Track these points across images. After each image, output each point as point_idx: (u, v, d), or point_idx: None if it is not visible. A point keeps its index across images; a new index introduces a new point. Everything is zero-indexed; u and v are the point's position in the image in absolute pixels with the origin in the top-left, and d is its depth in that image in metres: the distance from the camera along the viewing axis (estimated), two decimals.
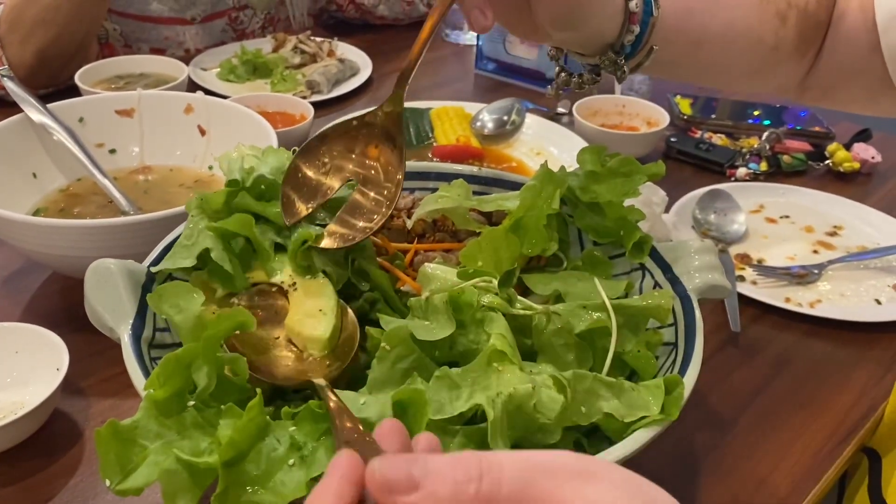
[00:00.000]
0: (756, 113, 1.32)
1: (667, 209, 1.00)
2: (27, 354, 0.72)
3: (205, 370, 0.48)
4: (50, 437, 0.69)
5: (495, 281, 0.60)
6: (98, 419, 0.72)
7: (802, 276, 0.93)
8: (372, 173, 0.66)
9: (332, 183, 0.66)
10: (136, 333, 0.57)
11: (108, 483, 0.43)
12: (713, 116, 1.31)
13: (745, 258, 0.98)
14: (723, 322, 0.87)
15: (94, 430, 0.44)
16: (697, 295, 0.64)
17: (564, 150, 1.17)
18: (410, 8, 1.71)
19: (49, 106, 0.97)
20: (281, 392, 0.57)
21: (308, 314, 0.60)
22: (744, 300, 0.89)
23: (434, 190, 0.75)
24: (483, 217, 0.75)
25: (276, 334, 0.60)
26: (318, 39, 1.53)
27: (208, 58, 1.47)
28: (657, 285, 0.67)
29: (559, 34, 0.67)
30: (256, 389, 0.47)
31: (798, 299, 0.90)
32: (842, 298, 0.91)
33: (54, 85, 1.28)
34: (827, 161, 1.19)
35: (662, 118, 1.22)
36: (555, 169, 0.71)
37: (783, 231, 1.04)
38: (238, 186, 0.65)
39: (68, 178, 0.97)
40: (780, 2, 0.73)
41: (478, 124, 1.24)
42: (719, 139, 1.25)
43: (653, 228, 0.91)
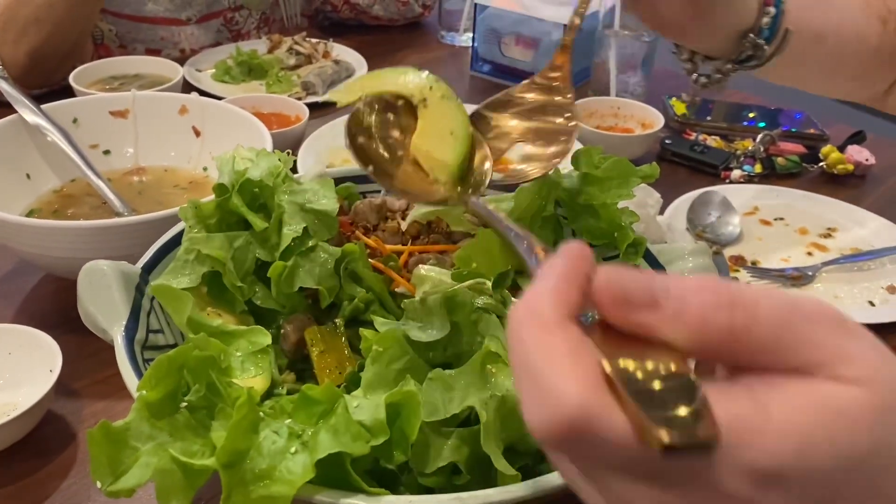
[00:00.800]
0: (751, 115, 1.32)
1: (661, 211, 1.01)
2: (20, 356, 0.72)
3: (196, 387, 0.48)
4: (43, 439, 0.69)
5: (489, 282, 0.60)
6: (91, 421, 0.71)
7: (796, 278, 0.94)
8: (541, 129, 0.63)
9: (501, 145, 0.63)
10: (130, 335, 0.57)
11: (100, 485, 0.43)
12: (708, 118, 1.31)
13: (740, 260, 0.98)
14: None
15: (86, 432, 0.44)
16: None
17: None
18: (405, 8, 1.71)
19: (43, 107, 0.97)
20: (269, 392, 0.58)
21: (438, 135, 0.54)
22: None
23: None
24: (477, 219, 0.75)
25: (400, 152, 0.54)
26: (314, 41, 1.53)
27: (203, 59, 1.47)
28: None
29: (696, 25, 0.71)
30: (245, 389, 0.47)
31: None
32: (835, 300, 0.92)
33: (48, 85, 1.27)
34: (821, 163, 1.20)
35: (657, 120, 1.22)
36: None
37: (777, 233, 1.05)
38: (225, 192, 0.64)
39: (62, 180, 0.97)
40: (882, 7, 0.77)
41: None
42: (714, 141, 1.25)
43: (647, 230, 0.91)
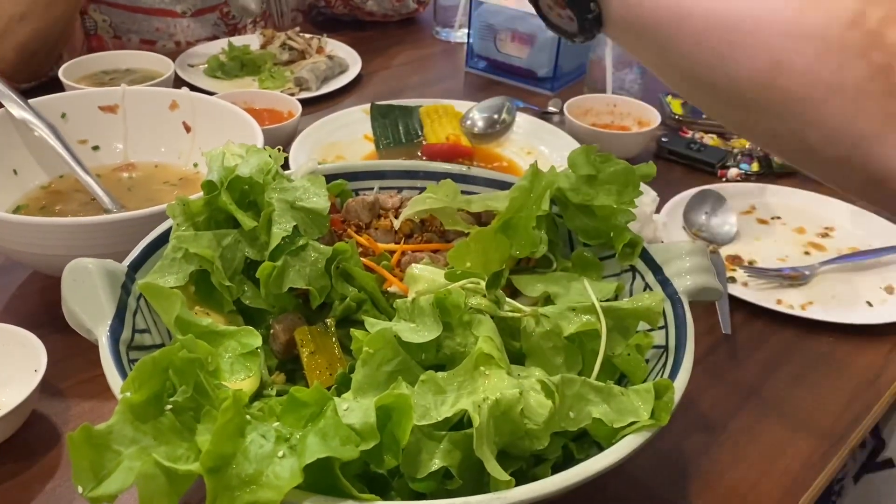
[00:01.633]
0: None
1: (658, 210, 1.00)
2: (4, 355, 0.70)
3: (182, 388, 0.47)
4: (27, 441, 0.68)
5: (483, 282, 0.59)
6: (77, 422, 0.70)
7: (794, 278, 0.93)
8: None
9: None
10: (115, 335, 0.55)
11: (81, 490, 0.42)
12: (704, 116, 1.30)
13: (737, 259, 0.97)
14: (713, 324, 0.86)
15: (67, 435, 0.43)
16: (688, 297, 0.63)
17: (555, 150, 1.16)
18: (399, 4, 1.69)
19: (31, 101, 0.95)
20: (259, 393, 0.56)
21: None
22: (735, 302, 0.89)
23: (422, 190, 0.74)
24: (472, 217, 0.74)
25: None
26: (307, 36, 1.51)
27: (195, 54, 1.45)
28: (648, 287, 0.66)
29: None
30: (231, 392, 0.46)
31: (790, 301, 0.90)
32: (833, 300, 0.91)
33: (37, 78, 1.26)
34: None
35: (654, 118, 1.21)
36: (545, 168, 0.70)
37: (774, 232, 1.04)
38: (214, 189, 0.63)
39: (50, 175, 0.96)
40: None
41: (468, 123, 1.22)
42: (710, 139, 1.24)
43: (643, 229, 0.90)
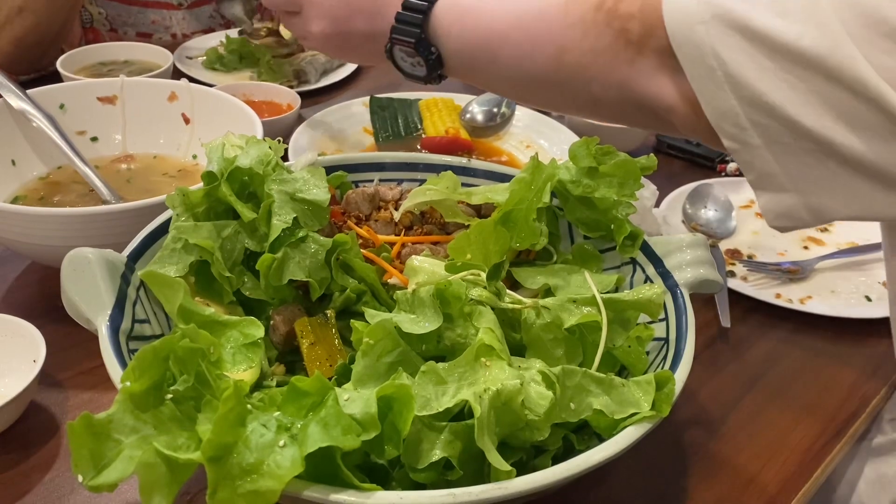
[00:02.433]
0: None
1: (657, 204, 1.00)
2: (3, 345, 0.70)
3: (184, 377, 0.47)
4: (26, 431, 0.67)
5: (484, 274, 0.59)
6: (76, 413, 0.70)
7: (793, 272, 0.93)
8: None
9: None
10: (114, 325, 0.55)
11: (81, 478, 0.42)
12: None
13: (736, 254, 0.97)
14: (712, 317, 0.86)
15: (67, 424, 0.42)
16: (689, 289, 0.63)
17: (554, 144, 1.16)
18: None
19: (29, 92, 0.95)
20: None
21: None
22: (734, 296, 0.89)
23: (422, 182, 0.74)
24: (472, 209, 0.74)
25: None
26: None
27: (194, 46, 1.45)
28: (648, 279, 0.66)
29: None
30: (231, 379, 0.46)
31: (788, 295, 0.90)
32: (832, 295, 0.91)
33: (35, 71, 1.25)
34: None
35: None
36: (545, 162, 0.69)
37: None
38: (214, 180, 0.63)
39: (48, 166, 0.95)
40: None
41: (467, 116, 1.22)
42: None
43: (643, 223, 0.90)
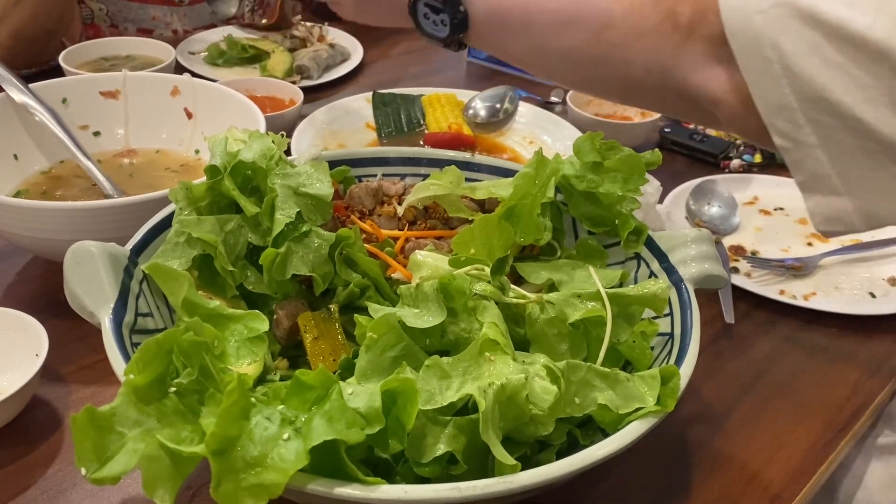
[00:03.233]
0: None
1: (660, 200, 0.99)
2: (5, 339, 0.70)
3: (188, 370, 0.47)
4: (28, 425, 0.67)
5: (488, 269, 0.58)
6: (78, 407, 0.69)
7: (797, 269, 0.92)
8: None
9: None
10: (118, 318, 0.55)
11: (84, 471, 0.42)
12: None
13: (739, 250, 0.97)
14: (716, 314, 0.86)
15: (70, 417, 0.42)
16: (693, 284, 0.63)
17: (557, 139, 1.16)
18: None
19: (32, 86, 0.94)
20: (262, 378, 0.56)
21: None
22: (738, 292, 0.88)
23: (425, 176, 0.74)
24: (475, 204, 0.74)
25: None
26: (309, 24, 1.51)
27: (196, 41, 1.44)
28: (653, 274, 0.65)
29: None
30: (235, 372, 0.45)
31: (792, 291, 0.89)
32: (836, 291, 0.91)
33: (36, 64, 1.25)
34: None
35: None
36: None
37: (777, 223, 1.03)
38: (217, 174, 0.63)
39: (50, 161, 0.95)
40: None
41: (470, 112, 1.22)
42: (713, 130, 1.24)
43: (646, 218, 0.90)
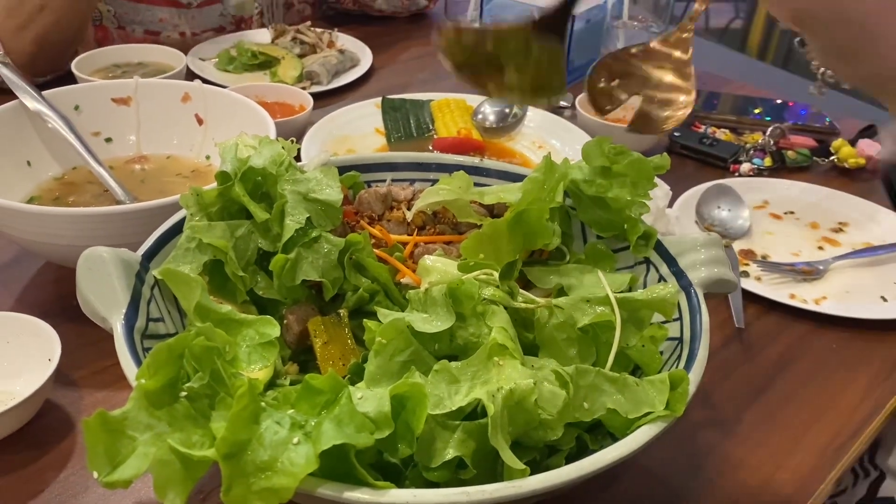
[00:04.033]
0: (757, 111, 1.30)
1: (670, 204, 0.99)
2: (18, 344, 0.70)
3: (199, 375, 0.47)
4: (41, 429, 0.68)
5: (496, 274, 0.59)
6: (90, 411, 0.69)
7: (807, 273, 0.92)
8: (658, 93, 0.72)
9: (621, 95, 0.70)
10: (129, 323, 0.55)
11: (96, 475, 0.42)
12: (713, 112, 1.29)
13: (750, 254, 0.97)
14: (726, 318, 0.85)
15: (83, 421, 0.43)
16: (703, 289, 0.63)
17: (567, 144, 1.16)
18: (409, 2, 1.69)
19: (44, 93, 0.95)
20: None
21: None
22: (748, 296, 0.88)
23: (434, 181, 0.74)
24: (484, 209, 0.74)
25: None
26: (318, 30, 1.51)
27: (207, 48, 1.45)
28: (662, 279, 0.65)
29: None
30: (246, 377, 0.46)
31: (803, 296, 0.89)
32: (847, 295, 0.90)
33: (54, 71, 1.26)
34: (832, 157, 1.18)
35: None
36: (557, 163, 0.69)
37: (788, 227, 1.03)
38: (228, 180, 0.63)
39: (63, 167, 0.96)
40: None
41: (479, 117, 1.22)
42: (723, 134, 1.24)
43: (656, 222, 0.90)
